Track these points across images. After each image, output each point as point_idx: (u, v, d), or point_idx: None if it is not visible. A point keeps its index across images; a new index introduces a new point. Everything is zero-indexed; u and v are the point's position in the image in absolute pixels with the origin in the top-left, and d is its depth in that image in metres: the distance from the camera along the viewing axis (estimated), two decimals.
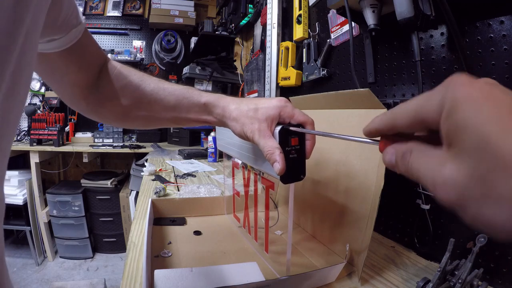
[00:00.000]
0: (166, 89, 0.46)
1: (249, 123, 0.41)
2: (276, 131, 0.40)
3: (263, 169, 0.45)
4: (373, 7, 0.63)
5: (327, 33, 0.96)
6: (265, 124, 0.40)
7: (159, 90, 0.46)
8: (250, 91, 1.55)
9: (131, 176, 2.09)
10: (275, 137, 0.40)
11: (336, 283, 0.50)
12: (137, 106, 0.46)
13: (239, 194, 0.71)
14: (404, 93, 0.67)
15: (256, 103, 0.42)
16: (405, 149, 0.21)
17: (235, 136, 0.44)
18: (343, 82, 0.90)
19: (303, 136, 0.42)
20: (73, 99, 0.46)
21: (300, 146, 0.41)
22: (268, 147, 0.39)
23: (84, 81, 0.44)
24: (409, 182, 0.64)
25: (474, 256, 0.44)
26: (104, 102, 0.46)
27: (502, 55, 0.48)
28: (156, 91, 0.46)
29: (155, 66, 2.89)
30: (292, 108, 0.42)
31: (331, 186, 0.62)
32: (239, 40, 2.10)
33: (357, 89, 0.57)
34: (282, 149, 0.39)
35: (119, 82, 0.46)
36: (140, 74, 0.47)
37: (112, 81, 0.46)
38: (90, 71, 0.44)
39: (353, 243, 0.53)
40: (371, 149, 0.53)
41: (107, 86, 0.46)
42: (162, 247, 0.60)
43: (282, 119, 0.42)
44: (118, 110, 0.47)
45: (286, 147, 0.40)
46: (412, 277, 0.53)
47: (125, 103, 0.46)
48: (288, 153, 0.40)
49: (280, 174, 0.39)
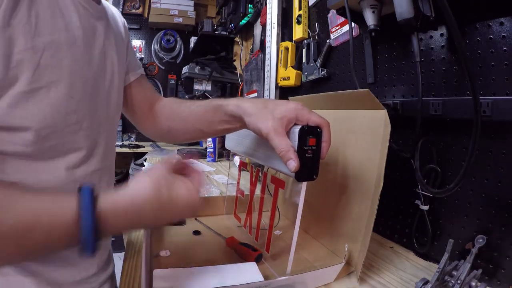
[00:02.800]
0: (196, 103, 0.58)
1: (264, 119, 0.42)
2: (296, 130, 0.42)
3: (277, 167, 0.45)
4: (373, 7, 0.63)
5: (327, 34, 0.96)
6: (280, 123, 0.42)
7: (192, 104, 0.59)
8: (249, 91, 1.55)
9: (130, 175, 2.08)
10: (294, 136, 0.41)
11: (335, 284, 0.50)
12: (174, 120, 0.62)
13: (243, 194, 0.71)
14: (404, 94, 0.67)
15: (274, 103, 0.44)
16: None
17: (248, 134, 0.45)
18: (342, 83, 0.90)
19: (320, 137, 0.43)
20: (134, 121, 0.68)
21: (316, 147, 0.43)
22: (283, 145, 0.41)
23: (140, 109, 0.65)
24: (408, 183, 0.64)
25: (473, 257, 0.44)
26: (155, 125, 0.65)
27: (501, 56, 0.48)
28: (189, 105, 0.59)
29: (154, 66, 2.89)
30: (308, 111, 0.44)
31: (331, 187, 0.62)
32: (239, 40, 2.09)
33: (356, 90, 0.57)
34: (300, 148, 0.41)
35: (167, 112, 0.64)
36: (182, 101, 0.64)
37: (161, 113, 0.64)
38: (145, 104, 0.65)
39: (352, 244, 0.53)
40: (371, 149, 0.53)
41: (158, 116, 0.64)
42: (161, 247, 0.60)
43: (299, 122, 0.43)
44: (163, 128, 0.64)
45: (304, 146, 0.41)
46: (411, 278, 0.53)
47: (168, 124, 0.63)
48: (305, 152, 0.42)
49: (295, 171, 0.40)
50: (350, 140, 0.59)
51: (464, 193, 0.54)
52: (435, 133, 0.59)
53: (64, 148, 0.43)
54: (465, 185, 0.54)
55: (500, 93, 0.48)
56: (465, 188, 0.54)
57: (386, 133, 0.50)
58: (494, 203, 0.50)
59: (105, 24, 0.50)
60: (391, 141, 0.65)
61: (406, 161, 0.61)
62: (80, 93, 0.43)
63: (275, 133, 0.41)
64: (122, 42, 0.58)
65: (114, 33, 0.54)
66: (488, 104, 0.47)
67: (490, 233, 0.49)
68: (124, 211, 0.33)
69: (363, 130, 0.56)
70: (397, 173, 0.67)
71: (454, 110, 0.53)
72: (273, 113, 0.42)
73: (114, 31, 0.54)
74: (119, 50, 0.55)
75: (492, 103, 0.47)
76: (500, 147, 0.49)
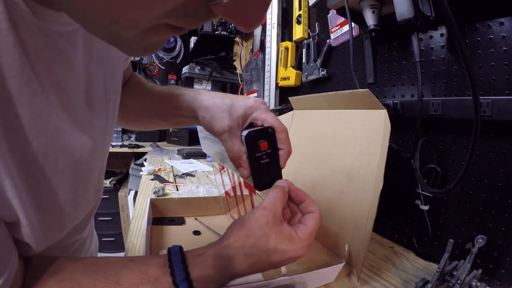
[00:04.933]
0: (159, 86, 0.52)
1: (220, 116, 0.38)
2: (242, 137, 0.38)
3: (236, 173, 0.42)
4: (373, 7, 0.63)
5: (327, 34, 0.96)
6: (237, 123, 0.38)
7: (156, 87, 0.52)
8: (249, 91, 1.55)
9: (130, 175, 2.08)
10: (242, 143, 0.38)
11: (335, 284, 0.50)
12: (141, 102, 0.53)
13: (229, 194, 0.71)
14: (404, 94, 0.67)
15: (233, 99, 0.40)
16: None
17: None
18: (342, 83, 0.90)
19: (273, 139, 0.38)
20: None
21: (271, 150, 0.38)
22: (235, 150, 0.37)
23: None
24: (408, 183, 0.64)
25: (473, 257, 0.44)
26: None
27: (501, 57, 0.48)
28: (153, 86, 0.52)
29: (154, 66, 2.89)
30: (266, 111, 0.40)
31: (330, 186, 0.62)
32: (239, 40, 2.09)
33: (356, 90, 0.57)
34: (251, 156, 0.37)
35: (137, 90, 0.53)
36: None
37: (131, 90, 0.53)
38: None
39: (352, 244, 0.53)
40: (371, 149, 0.53)
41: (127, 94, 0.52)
42: (161, 247, 0.59)
43: (254, 120, 0.40)
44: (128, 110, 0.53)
45: (256, 153, 0.37)
46: (411, 278, 0.53)
47: (135, 103, 0.53)
48: (259, 159, 0.37)
49: (246, 178, 0.37)
50: (350, 140, 0.59)
51: (464, 193, 0.54)
52: (435, 133, 0.59)
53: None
54: (465, 185, 0.54)
55: (500, 93, 0.48)
56: (465, 188, 0.54)
57: (386, 133, 0.50)
58: (494, 203, 0.50)
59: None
60: (391, 141, 0.65)
61: (406, 161, 0.61)
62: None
63: (229, 135, 0.37)
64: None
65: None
66: (488, 104, 0.47)
67: (490, 233, 0.49)
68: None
69: (363, 130, 0.56)
70: (397, 173, 0.67)
71: (454, 110, 0.53)
72: (230, 110, 0.38)
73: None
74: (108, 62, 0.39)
75: (492, 103, 0.47)
76: (500, 147, 0.49)
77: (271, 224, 0.33)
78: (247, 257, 0.32)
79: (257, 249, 0.32)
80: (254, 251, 0.32)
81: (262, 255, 0.32)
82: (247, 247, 0.32)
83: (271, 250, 0.32)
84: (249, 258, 0.32)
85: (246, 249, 0.32)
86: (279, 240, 0.32)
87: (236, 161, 0.37)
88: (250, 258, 0.32)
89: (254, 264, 0.32)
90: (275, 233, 0.33)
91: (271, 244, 0.32)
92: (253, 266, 0.32)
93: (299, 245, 0.33)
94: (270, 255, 0.32)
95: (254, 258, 0.32)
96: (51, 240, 0.30)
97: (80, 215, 0.35)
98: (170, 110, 0.47)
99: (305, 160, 0.71)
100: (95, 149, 0.34)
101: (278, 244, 0.32)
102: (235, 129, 0.38)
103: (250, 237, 0.32)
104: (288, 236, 0.33)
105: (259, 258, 0.32)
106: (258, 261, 0.32)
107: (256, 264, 0.32)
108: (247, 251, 0.32)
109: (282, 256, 0.32)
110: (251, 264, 0.32)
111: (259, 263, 0.32)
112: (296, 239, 0.33)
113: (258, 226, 0.32)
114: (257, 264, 0.32)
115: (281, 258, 0.33)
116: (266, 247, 0.32)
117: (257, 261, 0.32)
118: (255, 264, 0.32)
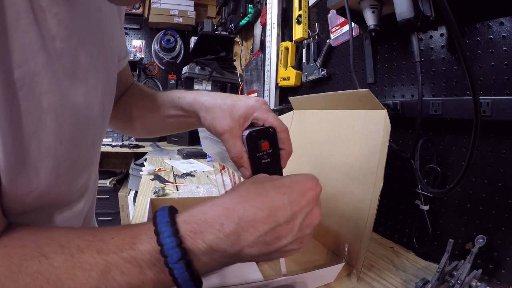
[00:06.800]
0: (160, 91, 0.52)
1: (221, 117, 0.38)
2: (243, 137, 0.38)
3: (237, 173, 0.42)
4: (373, 7, 0.63)
5: (327, 34, 0.96)
6: (238, 123, 0.38)
7: (157, 92, 0.52)
8: (249, 91, 1.55)
9: (130, 175, 2.08)
10: (244, 143, 0.38)
11: (335, 284, 0.50)
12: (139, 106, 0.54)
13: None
14: (404, 94, 0.67)
15: (234, 99, 0.40)
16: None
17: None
18: (342, 83, 0.90)
19: (274, 138, 0.39)
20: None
21: (272, 150, 0.38)
22: (236, 150, 0.37)
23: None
24: (408, 183, 0.64)
25: (473, 257, 0.44)
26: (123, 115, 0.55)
27: (501, 57, 0.48)
28: (155, 92, 0.53)
29: (154, 66, 2.89)
30: (267, 110, 0.40)
31: (330, 186, 0.62)
32: (239, 40, 2.09)
33: (356, 90, 0.57)
34: (252, 156, 0.37)
35: (138, 98, 0.55)
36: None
37: (132, 99, 0.55)
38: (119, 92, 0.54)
39: (352, 244, 0.53)
40: (371, 149, 0.53)
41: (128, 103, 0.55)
42: None
43: (255, 120, 0.40)
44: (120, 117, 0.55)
45: (257, 153, 0.37)
46: (411, 278, 0.53)
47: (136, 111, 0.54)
48: (260, 159, 0.37)
49: (247, 178, 0.37)
50: (350, 140, 0.59)
51: (464, 193, 0.54)
52: (435, 133, 0.59)
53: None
54: (465, 185, 0.54)
55: (500, 93, 0.48)
56: (465, 188, 0.54)
57: (386, 133, 0.50)
58: (494, 203, 0.50)
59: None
60: (391, 141, 0.65)
61: (406, 161, 0.61)
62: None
63: (230, 135, 0.37)
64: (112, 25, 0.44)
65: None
66: (488, 104, 0.47)
67: (490, 233, 0.49)
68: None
69: (363, 130, 0.56)
70: (397, 173, 0.67)
71: (454, 110, 0.53)
72: (231, 111, 0.38)
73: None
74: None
75: (492, 103, 0.47)
76: (500, 147, 0.49)
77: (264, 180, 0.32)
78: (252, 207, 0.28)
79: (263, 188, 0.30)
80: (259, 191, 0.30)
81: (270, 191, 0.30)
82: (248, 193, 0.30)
83: (277, 185, 0.30)
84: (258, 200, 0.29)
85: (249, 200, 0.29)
86: (280, 178, 0.32)
87: (237, 161, 0.37)
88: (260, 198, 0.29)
89: (269, 210, 0.28)
90: (271, 180, 0.32)
91: (276, 182, 0.31)
92: (268, 215, 0.28)
93: (306, 176, 0.33)
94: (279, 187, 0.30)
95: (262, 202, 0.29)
96: (22, 188, 0.27)
97: (64, 176, 0.31)
98: (173, 111, 0.48)
99: (305, 160, 0.71)
100: (85, 105, 0.32)
101: (282, 180, 0.32)
102: (236, 129, 0.38)
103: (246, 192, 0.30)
104: (286, 178, 0.33)
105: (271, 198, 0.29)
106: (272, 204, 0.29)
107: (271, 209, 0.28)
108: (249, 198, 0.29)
109: (298, 188, 0.31)
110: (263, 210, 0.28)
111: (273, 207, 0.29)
112: (296, 176, 0.33)
113: (249, 185, 0.31)
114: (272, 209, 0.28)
115: (298, 191, 0.31)
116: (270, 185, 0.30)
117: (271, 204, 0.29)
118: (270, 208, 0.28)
